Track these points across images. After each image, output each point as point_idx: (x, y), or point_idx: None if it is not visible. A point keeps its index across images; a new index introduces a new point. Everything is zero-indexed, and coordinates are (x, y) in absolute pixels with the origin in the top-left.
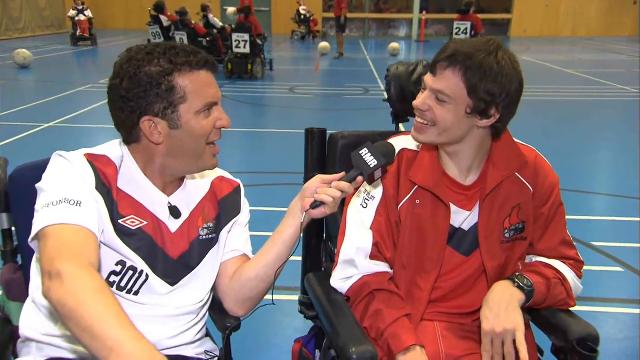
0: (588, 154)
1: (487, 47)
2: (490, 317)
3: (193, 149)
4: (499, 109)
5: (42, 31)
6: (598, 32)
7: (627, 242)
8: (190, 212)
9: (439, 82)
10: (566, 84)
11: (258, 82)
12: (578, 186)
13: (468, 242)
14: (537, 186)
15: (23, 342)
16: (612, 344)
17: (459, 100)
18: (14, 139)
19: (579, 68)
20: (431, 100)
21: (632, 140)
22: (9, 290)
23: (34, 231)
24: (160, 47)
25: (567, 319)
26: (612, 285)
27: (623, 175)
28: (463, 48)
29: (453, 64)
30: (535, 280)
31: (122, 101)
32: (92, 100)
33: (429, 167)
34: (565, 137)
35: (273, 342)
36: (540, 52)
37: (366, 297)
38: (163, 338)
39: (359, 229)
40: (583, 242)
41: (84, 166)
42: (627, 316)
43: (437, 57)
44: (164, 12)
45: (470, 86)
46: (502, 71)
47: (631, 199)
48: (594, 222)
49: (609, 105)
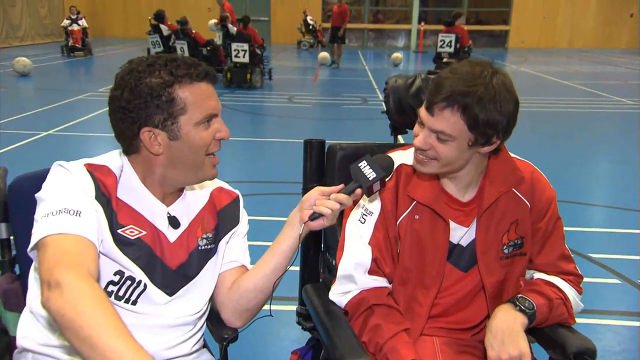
0: (585, 166)
1: (482, 79)
2: (495, 344)
3: (192, 159)
4: (500, 135)
5: (42, 39)
6: (595, 44)
7: (625, 254)
8: (189, 222)
9: (438, 123)
10: (563, 96)
11: (257, 92)
12: (575, 198)
13: (466, 258)
14: (534, 201)
15: (20, 353)
16: (610, 356)
17: (460, 137)
18: (13, 147)
19: (576, 80)
20: (431, 139)
21: (629, 152)
22: (6, 300)
23: (33, 241)
24: (161, 59)
25: (565, 333)
26: (610, 297)
27: (621, 187)
28: (459, 86)
29: (451, 104)
30: (537, 301)
31: (122, 112)
32: (92, 108)
33: (427, 183)
34: (563, 148)
35: (270, 353)
36: (537, 63)
37: (365, 312)
38: (161, 348)
39: (357, 244)
40: (581, 254)
41: (83, 176)
42: (625, 329)
43: (432, 98)
44: (164, 21)
45: (471, 122)
46: (499, 99)
47: (629, 210)
48: (592, 233)
49: (606, 117)
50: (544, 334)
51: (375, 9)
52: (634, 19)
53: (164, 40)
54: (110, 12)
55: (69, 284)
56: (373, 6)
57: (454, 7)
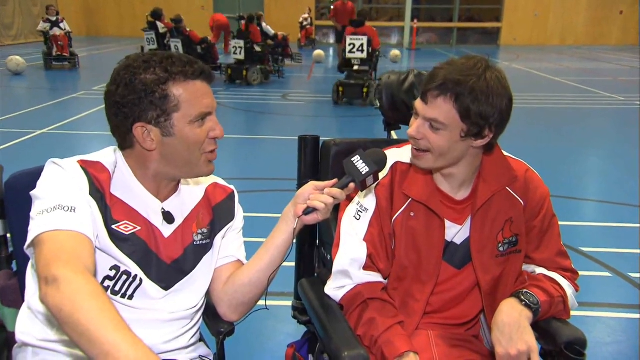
0: (577, 161)
1: (476, 70)
2: (503, 340)
3: (186, 156)
4: (492, 128)
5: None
6: (585, 41)
7: (615, 248)
8: (184, 217)
9: (431, 111)
10: (555, 92)
11: (253, 89)
12: (567, 192)
13: (460, 255)
14: (527, 199)
15: (19, 347)
16: (601, 347)
17: (452, 126)
18: (8, 145)
19: (567, 76)
20: (424, 128)
21: (620, 148)
22: (4, 297)
23: (30, 238)
24: (158, 56)
25: (556, 323)
26: (601, 290)
27: (612, 182)
28: (452, 75)
29: (444, 92)
30: (541, 298)
31: (116, 107)
32: (86, 106)
33: (422, 181)
34: (555, 143)
35: (266, 347)
36: (529, 60)
37: (360, 306)
38: (158, 342)
39: (352, 240)
40: (572, 248)
41: (77, 172)
42: (615, 321)
43: (427, 85)
44: (161, 19)
45: (463, 112)
46: (492, 92)
47: (620, 205)
48: (583, 227)
49: (597, 112)
50: (537, 325)
51: (369, 6)
52: (623, 16)
53: (159, 38)
54: (105, 11)
55: (66, 279)
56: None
57: (446, 4)
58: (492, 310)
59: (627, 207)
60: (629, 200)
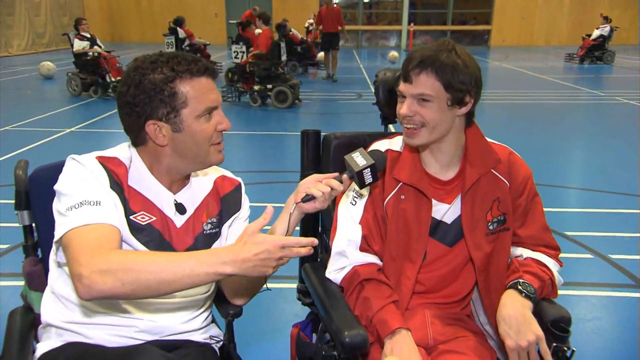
0: (560, 152)
1: (446, 46)
2: (511, 333)
3: (196, 150)
4: (472, 94)
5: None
6: (569, 42)
7: (596, 232)
8: (195, 208)
9: (417, 88)
10: (541, 88)
11: None
12: (551, 181)
13: (452, 234)
14: (512, 179)
15: (44, 328)
16: (583, 324)
17: (439, 97)
18: (38, 144)
19: (552, 74)
20: (414, 105)
21: (601, 139)
22: (30, 281)
23: (60, 233)
24: (164, 57)
25: (543, 303)
26: (583, 270)
27: (593, 170)
28: (427, 52)
29: (425, 68)
30: (535, 285)
31: (128, 107)
32: (110, 106)
33: (411, 166)
34: (540, 136)
35: (273, 327)
36: (517, 59)
37: (357, 287)
38: (176, 323)
39: (349, 223)
40: (558, 232)
41: (96, 168)
42: (596, 299)
43: (407, 67)
44: (182, 25)
45: (445, 82)
46: (465, 63)
47: (600, 192)
48: (567, 213)
49: (580, 107)
50: None
51: (369, 11)
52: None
53: (178, 42)
54: (127, 20)
55: (107, 261)
56: (367, 9)
57: (441, 9)
58: (486, 285)
59: (608, 195)
60: (609, 188)
